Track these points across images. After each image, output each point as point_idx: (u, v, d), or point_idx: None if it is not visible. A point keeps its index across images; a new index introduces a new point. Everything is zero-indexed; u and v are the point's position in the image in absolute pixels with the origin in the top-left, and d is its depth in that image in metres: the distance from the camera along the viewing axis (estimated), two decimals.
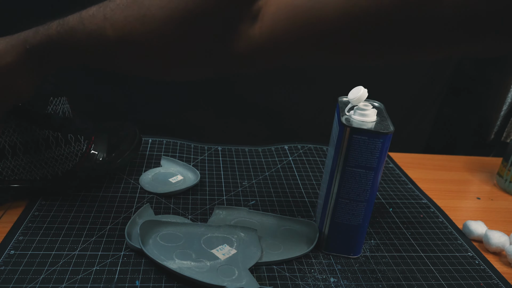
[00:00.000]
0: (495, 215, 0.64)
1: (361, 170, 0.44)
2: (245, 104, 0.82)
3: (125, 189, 0.60)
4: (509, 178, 0.71)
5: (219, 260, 0.46)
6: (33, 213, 0.52)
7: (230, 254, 0.47)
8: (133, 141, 0.62)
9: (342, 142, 0.44)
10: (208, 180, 0.65)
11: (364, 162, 0.44)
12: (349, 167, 0.45)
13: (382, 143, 0.43)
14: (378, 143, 0.43)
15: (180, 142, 0.74)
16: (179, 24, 0.36)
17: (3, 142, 0.49)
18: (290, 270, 0.47)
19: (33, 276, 0.42)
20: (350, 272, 0.48)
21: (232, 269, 0.45)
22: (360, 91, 0.45)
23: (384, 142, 0.43)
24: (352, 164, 0.45)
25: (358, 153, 0.44)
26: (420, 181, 0.71)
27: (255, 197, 0.61)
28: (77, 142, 0.55)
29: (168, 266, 0.43)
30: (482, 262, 0.52)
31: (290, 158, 0.74)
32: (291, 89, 0.81)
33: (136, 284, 0.43)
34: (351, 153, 0.44)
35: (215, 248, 0.48)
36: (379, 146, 0.43)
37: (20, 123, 0.50)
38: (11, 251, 0.45)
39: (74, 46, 0.39)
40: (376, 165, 0.44)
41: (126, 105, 0.81)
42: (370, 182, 0.45)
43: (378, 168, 0.45)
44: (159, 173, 0.64)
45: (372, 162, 0.44)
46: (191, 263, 0.45)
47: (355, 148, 0.44)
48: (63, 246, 0.47)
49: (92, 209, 0.54)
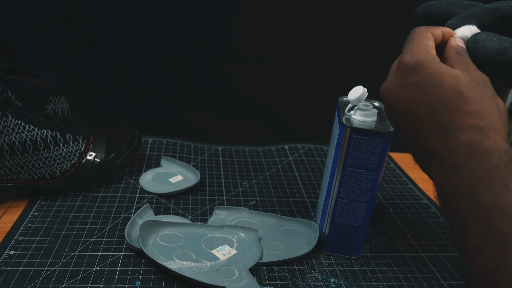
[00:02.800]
0: None
1: (362, 170, 0.44)
2: (245, 104, 0.82)
3: (125, 189, 0.59)
4: None
5: (220, 261, 0.46)
6: (33, 213, 0.52)
7: (230, 255, 0.47)
8: (132, 142, 0.62)
9: (343, 142, 0.44)
10: (208, 180, 0.65)
11: (364, 163, 0.44)
12: (350, 167, 0.45)
13: (383, 143, 0.43)
14: (378, 143, 0.43)
15: (180, 142, 0.74)
16: None
17: (2, 142, 0.49)
18: (290, 271, 0.47)
19: (33, 277, 0.42)
20: (351, 273, 0.48)
21: (233, 270, 0.45)
22: (360, 91, 0.45)
23: (385, 142, 0.43)
24: (353, 164, 0.44)
25: (358, 153, 0.44)
26: (420, 182, 0.71)
27: (255, 197, 0.61)
28: (76, 142, 0.55)
29: (168, 267, 0.43)
30: None
31: (290, 158, 0.74)
32: (291, 89, 0.81)
33: (136, 284, 0.43)
34: (351, 153, 0.44)
35: (215, 249, 0.47)
36: (379, 146, 0.43)
37: (18, 123, 0.50)
38: (11, 251, 0.45)
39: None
40: (377, 165, 0.44)
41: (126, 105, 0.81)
42: (371, 182, 0.45)
43: (379, 168, 0.45)
44: (159, 173, 0.64)
45: (373, 162, 0.44)
46: (191, 263, 0.45)
47: (356, 148, 0.44)
48: (63, 246, 0.47)
49: (92, 209, 0.54)
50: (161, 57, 0.77)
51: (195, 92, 0.81)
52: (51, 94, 0.62)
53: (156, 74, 0.79)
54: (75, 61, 0.75)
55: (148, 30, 0.74)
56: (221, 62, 0.78)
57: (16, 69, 0.62)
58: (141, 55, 0.77)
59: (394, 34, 0.58)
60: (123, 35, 0.74)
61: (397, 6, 0.75)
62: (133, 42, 0.75)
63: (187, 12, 0.73)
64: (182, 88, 0.80)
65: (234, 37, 0.76)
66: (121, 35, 0.74)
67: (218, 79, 0.80)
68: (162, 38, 0.75)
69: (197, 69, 0.79)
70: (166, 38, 0.75)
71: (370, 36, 0.77)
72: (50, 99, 0.62)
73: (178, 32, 0.75)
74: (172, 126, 0.81)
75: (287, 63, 0.79)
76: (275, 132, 0.84)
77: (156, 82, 0.80)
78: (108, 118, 0.79)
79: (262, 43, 0.77)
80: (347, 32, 0.77)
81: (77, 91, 0.75)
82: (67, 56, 0.75)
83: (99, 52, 0.75)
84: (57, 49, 0.74)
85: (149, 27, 0.74)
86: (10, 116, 0.50)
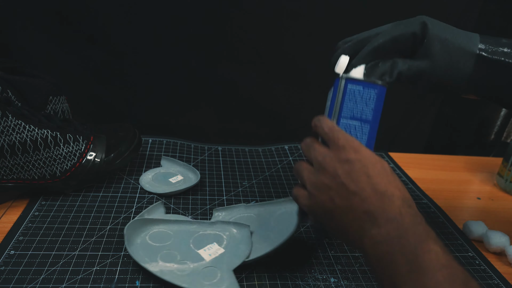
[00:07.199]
0: (495, 215, 0.64)
1: (356, 122, 0.43)
2: (245, 104, 0.82)
3: (125, 189, 0.59)
4: (509, 178, 0.70)
5: (204, 262, 0.45)
6: (33, 213, 0.52)
7: (216, 254, 0.46)
8: (132, 142, 0.62)
9: (337, 95, 0.43)
10: (208, 180, 0.65)
11: (359, 114, 0.43)
12: (345, 118, 0.43)
13: (377, 94, 0.42)
14: (373, 94, 0.42)
15: (180, 142, 0.74)
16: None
17: (2, 142, 0.49)
18: (290, 270, 0.47)
19: (33, 276, 0.42)
20: (351, 272, 0.48)
21: (215, 271, 0.44)
22: (340, 58, 0.45)
23: (379, 93, 0.42)
24: (347, 115, 0.43)
25: (353, 103, 0.43)
26: (420, 181, 0.71)
27: (255, 197, 0.61)
28: (76, 142, 0.55)
29: (149, 269, 0.43)
30: (482, 262, 0.52)
31: (290, 158, 0.74)
32: (291, 89, 0.81)
33: (136, 284, 0.43)
34: (346, 103, 0.43)
35: (203, 248, 0.47)
36: (374, 97, 0.42)
37: (19, 123, 0.50)
38: (11, 251, 0.45)
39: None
40: (372, 118, 0.43)
41: (126, 105, 0.81)
42: (366, 136, 0.43)
43: (374, 122, 0.43)
44: (159, 173, 0.64)
45: (367, 114, 0.43)
46: (174, 265, 0.44)
47: (350, 98, 0.43)
48: (63, 246, 0.47)
49: (92, 209, 0.54)
50: (161, 57, 0.77)
51: (195, 92, 0.81)
52: (51, 94, 0.62)
53: (156, 74, 0.79)
54: (75, 61, 0.75)
55: (148, 30, 0.75)
56: (221, 62, 0.78)
57: (16, 69, 0.62)
58: (141, 55, 0.77)
59: None
60: (123, 35, 0.74)
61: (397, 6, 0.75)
62: (133, 42, 0.75)
63: (187, 12, 0.73)
64: (182, 88, 0.80)
65: (234, 37, 0.76)
66: (121, 35, 0.74)
67: (218, 79, 0.80)
68: (162, 38, 0.75)
69: (197, 69, 0.79)
70: (166, 38, 0.75)
71: None
72: (50, 99, 0.62)
73: (178, 32, 0.75)
74: (172, 126, 0.81)
75: (287, 63, 0.79)
76: (275, 132, 0.84)
77: (156, 82, 0.80)
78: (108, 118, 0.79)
79: (262, 43, 0.77)
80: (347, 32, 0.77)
81: (77, 91, 0.75)
82: (67, 56, 0.75)
83: (99, 52, 0.75)
84: (57, 49, 0.74)
85: (149, 27, 0.74)
86: (10, 116, 0.50)
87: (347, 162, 0.38)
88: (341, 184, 0.38)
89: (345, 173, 0.38)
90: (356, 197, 0.37)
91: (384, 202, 0.36)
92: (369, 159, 0.38)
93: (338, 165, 0.38)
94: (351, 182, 0.37)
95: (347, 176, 0.38)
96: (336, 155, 0.39)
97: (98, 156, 0.57)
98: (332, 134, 0.40)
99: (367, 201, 0.37)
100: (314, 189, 0.40)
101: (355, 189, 0.37)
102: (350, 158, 0.38)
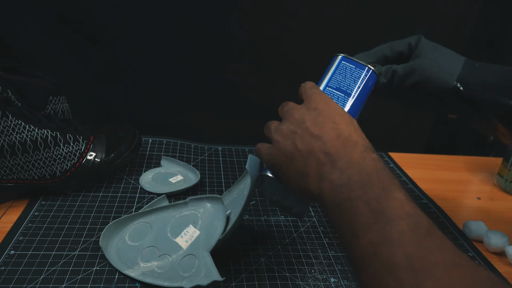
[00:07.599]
0: (495, 215, 0.64)
1: (340, 93, 0.44)
2: (245, 104, 0.82)
3: (125, 189, 0.59)
4: (509, 178, 0.71)
5: (182, 251, 0.46)
6: (33, 213, 0.52)
7: (193, 239, 0.47)
8: (132, 142, 0.62)
9: (330, 68, 0.46)
10: (208, 180, 0.65)
11: (345, 87, 0.44)
12: (330, 88, 0.45)
13: (368, 76, 0.44)
14: (363, 74, 0.44)
15: (180, 142, 0.74)
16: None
17: (2, 142, 0.49)
18: (290, 270, 0.47)
19: (33, 276, 0.42)
20: (351, 272, 0.48)
21: (193, 260, 0.44)
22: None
23: (369, 77, 0.44)
24: (333, 86, 0.45)
25: (342, 77, 0.45)
26: (420, 181, 0.71)
27: (255, 197, 0.61)
28: (76, 142, 0.55)
29: (130, 275, 0.43)
30: (482, 262, 0.52)
31: None
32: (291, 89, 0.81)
33: (136, 284, 0.43)
34: (335, 76, 0.45)
35: (180, 235, 0.47)
36: (363, 78, 0.44)
37: (19, 123, 0.50)
38: (11, 251, 0.45)
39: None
40: (355, 94, 0.44)
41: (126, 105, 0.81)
42: (346, 109, 0.43)
43: (357, 99, 0.44)
44: (159, 173, 0.64)
45: (352, 89, 0.44)
46: (154, 263, 0.45)
47: (341, 72, 0.45)
48: (63, 246, 0.47)
49: (92, 209, 0.54)
50: (161, 57, 0.77)
51: (195, 92, 0.81)
52: (51, 94, 0.62)
53: (156, 74, 0.79)
54: (75, 61, 0.75)
55: (148, 30, 0.75)
56: (221, 62, 0.78)
57: (16, 69, 0.62)
58: (141, 55, 0.77)
59: (394, 34, 0.58)
60: (123, 35, 0.74)
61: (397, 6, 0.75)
62: (133, 42, 0.75)
63: (187, 12, 0.73)
64: (182, 88, 0.80)
65: (234, 37, 0.76)
66: (121, 35, 0.74)
67: (218, 79, 0.80)
68: (162, 38, 0.76)
69: (197, 69, 0.79)
70: (166, 38, 0.76)
71: (370, 36, 0.77)
72: (50, 99, 0.62)
73: (178, 32, 0.75)
74: (172, 126, 0.81)
75: (287, 63, 0.79)
76: None
77: (156, 82, 0.80)
78: (108, 118, 0.79)
79: (262, 43, 0.77)
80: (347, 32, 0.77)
81: (77, 91, 0.75)
82: (67, 56, 0.75)
83: (99, 52, 0.75)
84: (57, 49, 0.74)
85: (149, 27, 0.74)
86: (10, 116, 0.50)
87: (315, 110, 0.39)
88: (306, 128, 0.38)
89: (311, 119, 0.38)
90: (318, 140, 0.36)
91: (346, 145, 0.36)
92: (338, 111, 0.39)
93: (306, 113, 0.39)
94: (315, 126, 0.37)
95: (313, 121, 0.38)
96: (306, 105, 0.40)
97: (98, 156, 0.57)
98: (310, 90, 0.41)
99: (328, 143, 0.36)
100: (278, 136, 0.39)
101: (318, 133, 0.37)
102: (319, 107, 0.39)
